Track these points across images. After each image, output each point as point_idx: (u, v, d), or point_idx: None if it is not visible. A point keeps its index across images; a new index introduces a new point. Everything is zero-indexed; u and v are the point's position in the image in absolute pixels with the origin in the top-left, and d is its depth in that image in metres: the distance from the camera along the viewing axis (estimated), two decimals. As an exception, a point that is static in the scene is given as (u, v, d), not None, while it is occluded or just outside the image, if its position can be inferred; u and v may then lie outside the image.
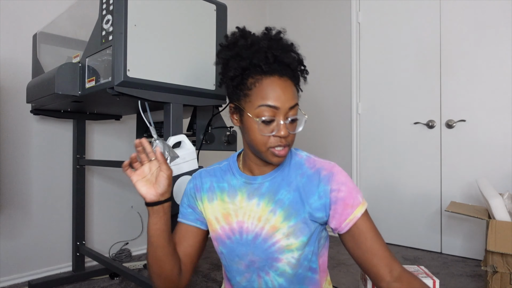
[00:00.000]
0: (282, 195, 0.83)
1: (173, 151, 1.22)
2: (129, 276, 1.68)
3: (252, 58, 0.77)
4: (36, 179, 2.06)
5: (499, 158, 2.30)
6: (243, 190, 0.87)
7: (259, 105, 0.76)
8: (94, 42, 1.32)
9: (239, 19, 3.27)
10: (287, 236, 0.81)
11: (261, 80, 0.77)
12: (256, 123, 0.76)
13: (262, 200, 0.84)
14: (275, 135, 0.77)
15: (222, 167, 0.93)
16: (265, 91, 0.76)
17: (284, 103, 0.76)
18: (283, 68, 0.78)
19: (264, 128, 0.77)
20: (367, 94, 2.92)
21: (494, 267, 1.54)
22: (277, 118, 0.76)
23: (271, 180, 0.85)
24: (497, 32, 2.32)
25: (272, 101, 0.75)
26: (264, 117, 0.76)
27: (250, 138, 0.79)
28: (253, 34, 0.83)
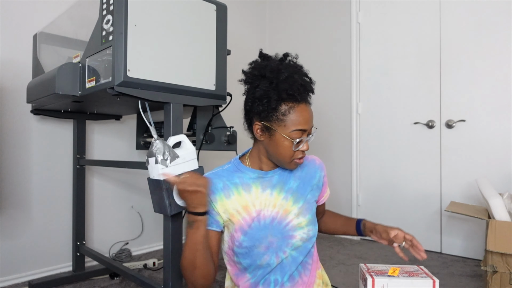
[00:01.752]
0: (291, 184, 1.05)
1: (173, 151, 1.22)
2: (129, 276, 1.68)
3: (289, 89, 0.93)
4: (36, 179, 2.06)
5: (499, 158, 2.30)
6: (256, 183, 1.03)
7: (293, 130, 0.94)
8: (94, 42, 1.32)
9: (239, 19, 3.28)
10: (297, 216, 1.03)
11: (294, 108, 0.95)
12: (290, 142, 0.95)
13: (274, 190, 1.03)
14: (300, 150, 0.97)
15: (227, 169, 1.06)
16: (299, 118, 0.95)
17: (309, 126, 0.97)
18: (307, 95, 0.98)
19: (295, 147, 0.95)
20: (367, 94, 2.92)
21: (494, 267, 1.54)
22: (304, 137, 0.96)
23: (279, 174, 1.05)
24: (497, 32, 2.32)
25: (303, 126, 0.95)
26: (298, 139, 0.95)
27: (278, 152, 0.97)
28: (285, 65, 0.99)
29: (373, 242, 2.81)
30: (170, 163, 1.20)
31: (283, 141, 0.95)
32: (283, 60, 1.00)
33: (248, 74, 1.02)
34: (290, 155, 0.96)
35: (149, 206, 2.54)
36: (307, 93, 0.97)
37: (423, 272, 0.96)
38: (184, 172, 1.25)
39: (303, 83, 0.96)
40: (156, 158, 1.19)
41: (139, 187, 2.53)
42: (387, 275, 0.89)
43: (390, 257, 2.43)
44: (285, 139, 0.95)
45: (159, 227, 2.63)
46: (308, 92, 0.98)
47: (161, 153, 1.19)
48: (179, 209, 1.25)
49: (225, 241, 1.04)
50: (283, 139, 0.95)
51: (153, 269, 2.21)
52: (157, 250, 2.60)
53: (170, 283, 1.38)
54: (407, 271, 0.94)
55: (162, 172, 1.16)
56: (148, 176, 1.26)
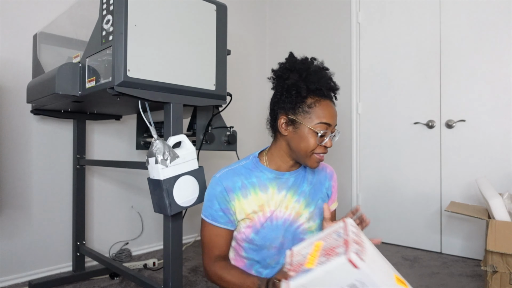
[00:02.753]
0: (304, 188, 1.07)
1: (173, 151, 1.22)
2: (129, 276, 1.68)
3: (317, 83, 0.98)
4: (36, 179, 2.06)
5: (499, 158, 2.30)
6: (273, 183, 1.04)
7: (319, 122, 0.97)
8: (95, 42, 1.32)
9: (239, 19, 3.28)
10: (308, 220, 1.05)
11: (320, 102, 0.98)
12: (314, 135, 0.96)
13: (289, 192, 1.05)
14: (323, 145, 0.98)
15: (245, 165, 1.07)
16: (324, 111, 0.97)
17: (334, 122, 0.99)
18: (332, 95, 1.02)
19: (319, 139, 0.97)
20: (367, 94, 2.92)
21: (493, 267, 1.54)
22: (328, 133, 0.98)
23: (295, 176, 1.07)
24: (497, 32, 2.32)
25: (328, 120, 0.97)
26: (322, 131, 0.96)
27: (301, 146, 0.98)
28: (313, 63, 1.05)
29: (373, 242, 2.81)
30: (170, 163, 1.20)
31: (307, 133, 0.97)
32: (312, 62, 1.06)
33: (278, 69, 1.05)
34: (313, 148, 0.97)
35: (149, 206, 2.54)
36: (333, 92, 1.02)
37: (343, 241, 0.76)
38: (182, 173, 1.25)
39: (332, 83, 1.01)
40: (156, 158, 1.19)
41: (139, 187, 2.53)
42: (304, 270, 0.74)
43: (390, 257, 2.43)
44: (309, 131, 0.97)
45: (159, 227, 2.63)
46: (334, 92, 1.02)
47: (161, 153, 1.19)
48: (179, 209, 1.26)
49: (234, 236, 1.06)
50: (308, 131, 0.97)
51: (153, 269, 2.21)
52: (157, 250, 2.60)
53: (170, 283, 1.38)
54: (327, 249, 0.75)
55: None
56: (148, 176, 1.26)
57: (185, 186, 1.24)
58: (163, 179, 1.19)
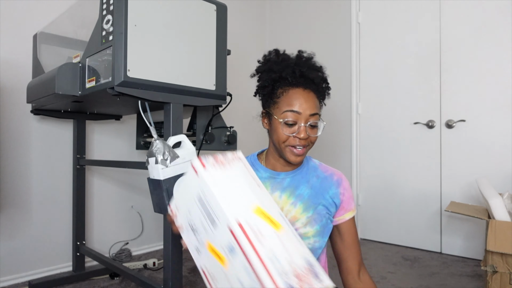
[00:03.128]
0: (302, 190, 0.99)
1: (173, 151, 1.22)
2: (129, 276, 1.68)
3: (281, 72, 0.94)
4: (36, 179, 2.06)
5: (499, 158, 2.30)
6: (266, 183, 1.00)
7: (284, 110, 0.92)
8: (94, 42, 1.32)
9: (239, 19, 3.27)
10: (304, 225, 0.97)
11: (288, 91, 0.93)
12: (281, 124, 0.92)
13: (284, 193, 0.99)
14: (295, 136, 0.92)
15: None
16: (290, 99, 0.92)
17: (305, 110, 0.91)
18: (307, 82, 0.94)
19: (287, 129, 0.92)
20: (367, 94, 2.92)
21: (494, 267, 1.54)
22: (299, 122, 0.91)
23: (292, 177, 1.01)
24: (497, 32, 2.32)
25: (296, 108, 0.91)
26: (287, 119, 0.91)
27: (275, 137, 0.94)
28: (285, 54, 0.99)
29: (373, 242, 2.81)
30: (170, 163, 1.20)
31: (277, 124, 0.93)
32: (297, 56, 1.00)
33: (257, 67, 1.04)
34: (283, 139, 0.92)
35: (149, 206, 2.54)
36: (306, 80, 0.94)
37: None
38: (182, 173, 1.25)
39: (303, 70, 0.94)
40: (156, 158, 1.19)
41: (139, 187, 2.53)
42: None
43: (390, 257, 2.43)
44: (278, 122, 0.93)
45: (159, 227, 2.63)
46: (311, 80, 0.94)
47: (161, 153, 1.19)
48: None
49: None
50: (277, 122, 0.93)
51: (153, 269, 2.21)
52: (157, 250, 2.60)
53: (170, 283, 1.38)
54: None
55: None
56: (148, 176, 1.26)
57: (185, 186, 1.24)
58: (163, 179, 1.19)
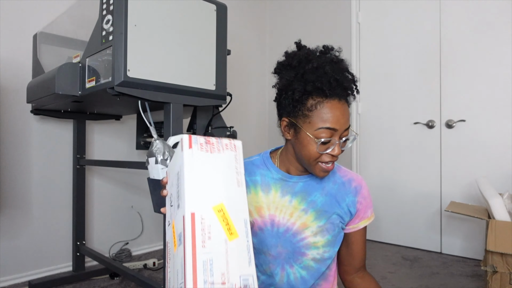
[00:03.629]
0: (315, 197, 0.92)
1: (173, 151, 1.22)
2: (129, 276, 1.68)
3: (316, 82, 0.81)
4: (36, 179, 2.06)
5: (499, 158, 2.30)
6: (277, 185, 0.92)
7: (319, 127, 0.81)
8: (94, 42, 1.32)
9: (239, 19, 3.27)
10: (315, 234, 0.91)
11: (322, 103, 0.81)
12: (315, 143, 0.81)
13: (295, 198, 0.91)
14: (328, 153, 0.83)
15: (254, 161, 0.97)
16: (326, 114, 0.81)
17: (342, 126, 0.82)
18: (343, 93, 0.83)
19: (321, 147, 0.82)
20: (367, 94, 2.92)
21: (494, 267, 1.54)
22: (333, 139, 0.82)
23: (305, 182, 0.93)
24: (497, 32, 2.32)
25: (332, 124, 0.80)
26: (323, 139, 0.81)
27: (304, 153, 0.84)
28: (317, 56, 0.86)
29: (373, 242, 2.81)
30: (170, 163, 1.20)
31: (308, 140, 0.83)
32: (323, 53, 0.88)
33: (278, 63, 0.91)
34: (315, 157, 0.83)
35: (149, 206, 2.54)
36: (341, 89, 0.82)
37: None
38: None
39: (338, 78, 0.81)
40: (156, 158, 1.19)
41: (139, 187, 2.53)
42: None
43: (390, 257, 2.43)
44: (310, 138, 0.82)
45: (159, 227, 2.63)
46: (345, 88, 0.83)
47: (161, 153, 1.19)
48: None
49: None
50: (308, 138, 0.82)
51: (153, 269, 2.21)
52: (157, 250, 2.60)
53: (170, 283, 1.38)
54: None
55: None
56: (148, 176, 1.26)
57: (185, 186, 1.24)
58: (163, 179, 1.19)
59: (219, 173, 0.65)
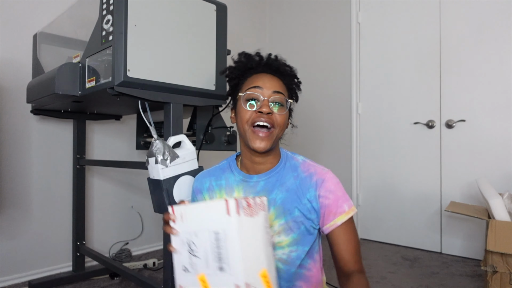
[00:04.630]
0: (275, 195, 0.90)
1: (173, 151, 1.22)
2: (129, 276, 1.68)
3: (247, 63, 0.94)
4: (36, 179, 2.06)
5: (499, 158, 2.30)
6: (239, 187, 0.94)
7: (247, 88, 0.89)
8: (94, 42, 1.32)
9: (239, 19, 3.27)
10: (278, 234, 0.88)
11: (252, 76, 0.93)
12: (244, 102, 0.89)
13: None
14: (258, 111, 0.87)
15: (221, 165, 1.02)
16: (254, 79, 0.91)
17: (268, 86, 0.89)
18: (273, 70, 0.93)
19: (249, 105, 0.88)
20: (367, 94, 2.92)
21: (494, 267, 1.54)
22: (262, 97, 0.88)
23: (266, 180, 0.92)
24: (497, 32, 2.32)
25: (257, 84, 0.89)
26: (250, 94, 0.88)
27: (239, 122, 0.91)
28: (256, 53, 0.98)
29: (373, 242, 2.81)
30: (170, 163, 1.20)
31: (241, 106, 0.90)
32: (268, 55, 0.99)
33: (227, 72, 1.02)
34: (248, 117, 0.88)
35: (149, 206, 2.54)
36: (272, 68, 0.93)
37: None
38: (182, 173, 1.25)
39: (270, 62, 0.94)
40: (156, 158, 1.19)
41: (139, 187, 2.53)
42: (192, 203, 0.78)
43: (390, 257, 2.43)
44: (242, 103, 0.89)
45: (159, 227, 2.63)
46: (276, 68, 0.93)
47: (161, 153, 1.19)
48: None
49: None
50: (241, 103, 0.90)
51: (153, 269, 2.21)
52: (157, 250, 2.60)
53: (170, 283, 1.38)
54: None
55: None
56: (148, 176, 1.26)
57: (185, 186, 1.24)
58: (163, 179, 1.19)
59: (259, 237, 0.69)
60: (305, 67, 2.94)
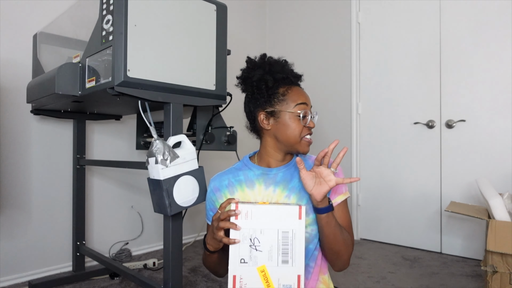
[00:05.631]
0: (295, 183, 1.02)
1: (173, 151, 1.22)
2: (129, 276, 1.68)
3: (281, 72, 1.02)
4: (36, 179, 2.06)
5: (499, 158, 2.30)
6: (260, 180, 1.03)
7: (297, 104, 0.99)
8: (94, 42, 1.32)
9: (239, 19, 3.28)
10: None
11: (291, 88, 1.02)
12: (296, 117, 0.98)
13: (278, 187, 1.02)
14: (307, 126, 1.00)
15: (236, 166, 1.10)
16: (297, 95, 1.00)
17: (309, 102, 1.03)
18: (299, 81, 1.07)
19: (302, 120, 0.99)
20: (367, 94, 2.92)
21: (494, 267, 1.54)
22: (308, 111, 1.00)
23: (285, 171, 1.04)
24: (497, 32, 2.32)
25: (304, 100, 1.01)
26: (303, 111, 0.98)
27: (288, 133, 0.99)
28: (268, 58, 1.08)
29: (373, 242, 2.81)
30: (170, 163, 1.20)
31: (289, 118, 0.99)
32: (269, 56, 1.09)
33: (242, 73, 1.09)
34: (299, 131, 0.99)
35: (149, 206, 2.54)
36: (298, 79, 1.06)
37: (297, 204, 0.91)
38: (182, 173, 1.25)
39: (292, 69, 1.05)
40: (156, 158, 1.19)
41: (139, 187, 2.53)
42: (254, 203, 0.87)
43: (390, 257, 2.43)
44: (291, 115, 0.99)
45: (159, 227, 2.63)
46: (299, 78, 1.06)
47: (161, 153, 1.19)
48: (179, 209, 1.26)
49: None
50: (289, 116, 0.99)
51: (153, 269, 2.21)
52: (157, 250, 2.60)
53: (170, 283, 1.38)
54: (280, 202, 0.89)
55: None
56: (148, 176, 1.26)
57: (185, 186, 1.24)
58: (163, 179, 1.19)
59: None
60: (305, 67, 2.94)
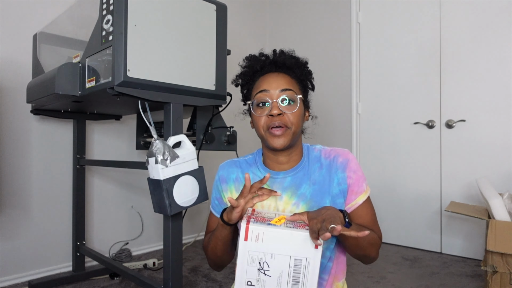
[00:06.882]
0: (304, 189, 0.92)
1: (173, 151, 1.22)
2: (129, 276, 1.68)
3: (253, 66, 0.94)
4: (36, 179, 2.06)
5: (499, 158, 2.30)
6: (267, 184, 0.93)
7: (256, 93, 0.90)
8: (94, 42, 1.32)
9: (239, 19, 3.27)
10: None
11: (263, 76, 0.92)
12: (257, 107, 0.89)
13: (285, 193, 0.92)
14: (268, 115, 0.87)
15: (248, 160, 1.01)
16: (261, 82, 0.91)
17: (274, 86, 0.89)
18: (279, 66, 0.93)
19: (260, 111, 0.89)
20: (367, 94, 2.92)
21: (494, 267, 1.54)
22: (268, 99, 0.88)
23: (293, 176, 0.93)
24: (497, 32, 2.32)
25: (265, 87, 0.89)
26: (258, 100, 0.89)
27: (256, 128, 0.91)
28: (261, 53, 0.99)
29: (373, 242, 2.81)
30: (170, 163, 1.20)
31: (253, 111, 0.91)
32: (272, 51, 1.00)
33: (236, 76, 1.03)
34: (262, 123, 0.89)
35: (149, 206, 2.54)
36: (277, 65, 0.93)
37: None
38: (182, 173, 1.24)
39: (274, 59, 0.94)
40: (156, 158, 1.19)
41: (139, 187, 2.53)
42: (268, 223, 0.78)
43: (390, 257, 2.43)
44: (253, 107, 0.91)
45: (159, 227, 2.63)
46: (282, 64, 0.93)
47: (161, 153, 1.19)
48: (179, 209, 1.26)
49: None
50: (253, 109, 0.91)
51: (153, 269, 2.21)
52: (157, 250, 2.60)
53: (170, 283, 1.38)
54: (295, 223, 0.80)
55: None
56: (148, 176, 1.26)
57: (185, 186, 1.25)
58: (163, 179, 1.19)
59: None
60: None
